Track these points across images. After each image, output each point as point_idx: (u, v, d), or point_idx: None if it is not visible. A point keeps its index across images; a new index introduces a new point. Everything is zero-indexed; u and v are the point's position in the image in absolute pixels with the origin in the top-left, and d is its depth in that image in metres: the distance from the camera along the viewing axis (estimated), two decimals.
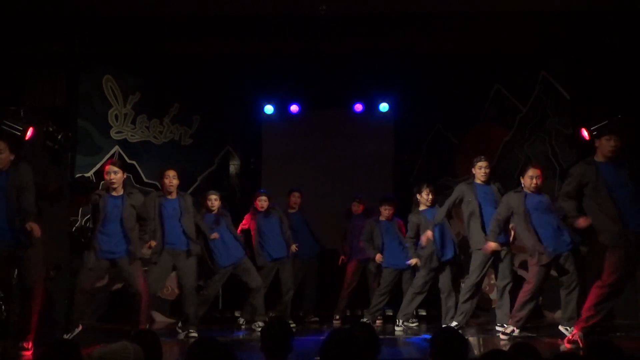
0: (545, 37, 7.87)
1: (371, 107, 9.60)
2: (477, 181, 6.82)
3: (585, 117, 7.69)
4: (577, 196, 5.74)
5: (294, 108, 9.62)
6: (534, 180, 6.17)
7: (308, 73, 8.73)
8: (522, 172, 6.33)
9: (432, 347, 3.23)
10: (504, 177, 8.52)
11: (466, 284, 6.76)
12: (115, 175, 6.28)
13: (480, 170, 6.80)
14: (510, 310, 6.36)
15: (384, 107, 9.57)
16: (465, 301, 6.69)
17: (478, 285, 6.69)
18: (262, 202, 7.75)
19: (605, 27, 7.42)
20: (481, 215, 6.65)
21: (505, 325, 6.36)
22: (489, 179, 6.85)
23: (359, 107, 9.61)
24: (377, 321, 7.87)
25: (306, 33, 7.71)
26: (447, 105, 9.32)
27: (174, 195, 6.84)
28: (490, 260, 6.57)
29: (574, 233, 5.99)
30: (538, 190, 6.21)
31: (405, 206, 7.83)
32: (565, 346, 5.53)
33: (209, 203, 7.34)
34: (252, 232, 7.74)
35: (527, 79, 8.54)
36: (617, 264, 5.43)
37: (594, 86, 7.82)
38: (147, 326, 6.27)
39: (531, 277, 6.05)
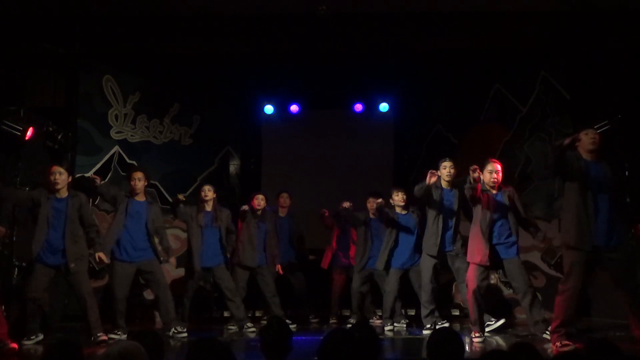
0: (545, 37, 7.87)
1: (371, 107, 9.61)
2: (443, 184, 6.75)
3: (585, 117, 7.69)
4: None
5: (294, 108, 9.63)
6: (493, 175, 6.15)
7: (308, 73, 8.74)
8: (482, 168, 6.24)
9: (428, 347, 3.23)
10: (504, 177, 8.54)
11: (423, 288, 6.82)
12: (60, 177, 6.14)
13: (444, 171, 6.71)
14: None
15: (384, 107, 9.57)
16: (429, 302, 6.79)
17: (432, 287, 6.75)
18: (259, 200, 7.62)
19: (606, 27, 7.41)
20: (437, 221, 6.68)
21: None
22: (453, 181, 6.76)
23: (359, 107, 9.62)
24: (378, 321, 7.87)
25: (306, 33, 7.71)
26: (447, 105, 9.33)
27: (141, 197, 6.75)
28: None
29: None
30: (497, 186, 6.18)
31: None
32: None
33: (202, 194, 7.24)
34: (240, 232, 7.61)
35: (527, 79, 8.54)
36: (571, 265, 5.33)
37: (594, 86, 7.82)
38: (101, 332, 6.15)
39: (470, 278, 6.14)
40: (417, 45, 8.28)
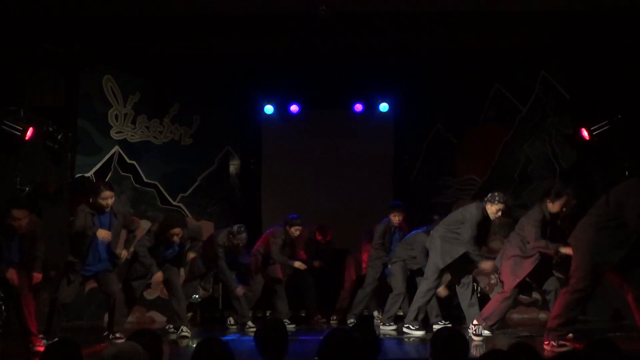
0: (545, 37, 7.87)
1: (371, 107, 9.59)
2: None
3: (585, 117, 7.70)
4: None
5: (294, 108, 9.61)
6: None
7: (308, 73, 8.73)
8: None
9: (432, 347, 3.21)
10: (504, 177, 8.56)
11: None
12: (112, 200, 6.26)
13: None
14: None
15: (384, 107, 9.56)
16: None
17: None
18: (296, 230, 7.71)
19: (606, 27, 7.42)
20: None
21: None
22: None
23: (359, 107, 9.60)
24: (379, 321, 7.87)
25: (306, 33, 7.71)
26: (447, 105, 9.32)
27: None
28: None
29: None
30: None
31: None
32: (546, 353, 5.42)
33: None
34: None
35: (527, 79, 8.55)
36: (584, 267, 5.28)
37: (594, 86, 7.83)
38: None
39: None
40: (417, 45, 8.28)
